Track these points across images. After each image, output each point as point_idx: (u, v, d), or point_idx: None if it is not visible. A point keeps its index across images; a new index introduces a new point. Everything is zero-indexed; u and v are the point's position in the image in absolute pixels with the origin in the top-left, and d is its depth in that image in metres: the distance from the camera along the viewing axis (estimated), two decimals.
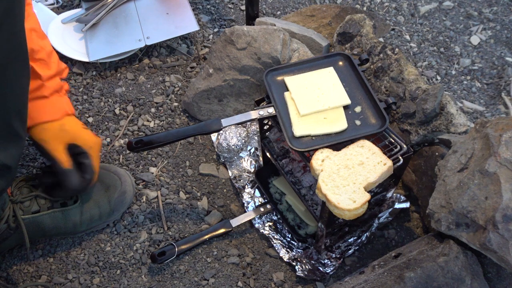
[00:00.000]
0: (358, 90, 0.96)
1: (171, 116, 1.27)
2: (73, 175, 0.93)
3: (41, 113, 0.92)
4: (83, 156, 0.95)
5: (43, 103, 0.92)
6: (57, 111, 0.94)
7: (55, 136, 0.92)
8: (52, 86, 0.94)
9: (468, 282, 0.79)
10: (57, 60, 0.98)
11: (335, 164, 0.85)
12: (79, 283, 0.97)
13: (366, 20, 1.19)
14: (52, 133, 0.92)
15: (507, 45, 1.51)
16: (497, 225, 0.73)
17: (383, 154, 0.86)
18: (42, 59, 0.92)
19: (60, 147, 0.92)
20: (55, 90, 0.95)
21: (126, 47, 1.35)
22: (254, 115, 0.94)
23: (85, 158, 0.95)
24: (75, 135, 0.95)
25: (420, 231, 1.06)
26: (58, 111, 0.94)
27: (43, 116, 0.92)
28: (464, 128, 0.97)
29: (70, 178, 0.92)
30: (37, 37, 0.92)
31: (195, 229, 1.07)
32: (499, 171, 0.75)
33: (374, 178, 0.82)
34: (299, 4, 1.65)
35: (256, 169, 1.16)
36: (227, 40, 1.16)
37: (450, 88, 1.41)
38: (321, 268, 0.99)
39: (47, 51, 0.94)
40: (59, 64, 0.98)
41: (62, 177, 0.92)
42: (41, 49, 0.92)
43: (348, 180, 0.82)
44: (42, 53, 0.92)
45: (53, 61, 0.95)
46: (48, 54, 0.94)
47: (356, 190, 0.81)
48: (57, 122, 0.93)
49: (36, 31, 0.92)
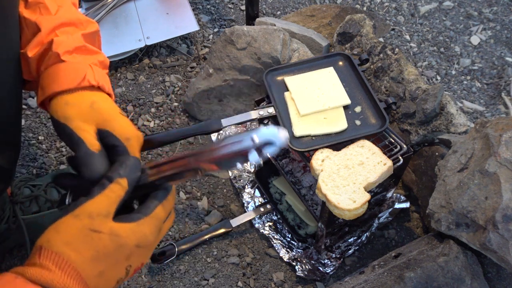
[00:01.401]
0: (358, 90, 0.97)
1: (171, 116, 1.27)
2: (99, 160, 0.61)
3: (52, 81, 0.65)
4: (117, 150, 0.63)
5: (57, 68, 0.66)
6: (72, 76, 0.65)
7: (83, 113, 0.63)
8: (65, 42, 0.67)
9: (468, 282, 0.79)
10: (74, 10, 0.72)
11: (335, 164, 0.85)
12: None
13: (366, 20, 1.19)
14: (79, 109, 0.63)
15: (507, 45, 1.51)
16: (497, 225, 0.73)
17: (383, 154, 0.86)
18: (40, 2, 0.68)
19: (88, 127, 0.63)
20: (72, 48, 0.67)
21: (126, 47, 1.35)
22: (254, 115, 0.94)
23: (119, 155, 0.63)
24: (110, 118, 0.64)
25: (420, 231, 1.06)
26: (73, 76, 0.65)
27: (53, 84, 0.64)
28: (464, 128, 0.97)
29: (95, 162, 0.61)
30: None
31: (195, 229, 1.07)
32: (499, 171, 0.76)
33: (374, 178, 0.82)
34: (299, 4, 1.65)
35: (256, 169, 1.16)
36: (227, 40, 1.16)
37: (450, 88, 1.41)
38: (321, 268, 0.99)
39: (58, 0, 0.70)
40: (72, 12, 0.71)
41: (84, 161, 0.61)
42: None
43: (348, 180, 0.82)
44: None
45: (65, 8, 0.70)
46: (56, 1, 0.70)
47: (356, 190, 0.81)
48: (88, 98, 0.65)
49: None
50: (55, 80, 0.65)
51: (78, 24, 0.71)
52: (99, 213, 0.52)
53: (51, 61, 0.66)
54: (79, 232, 0.51)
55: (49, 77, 0.65)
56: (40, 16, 0.68)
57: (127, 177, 0.56)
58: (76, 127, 0.62)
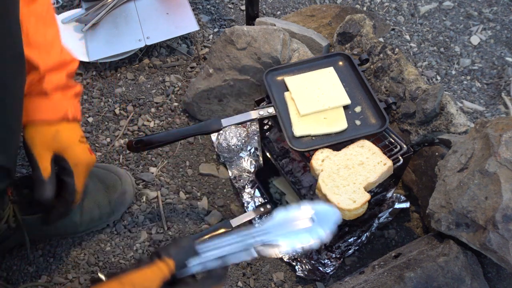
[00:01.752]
0: (358, 90, 0.97)
1: (171, 116, 1.27)
2: (48, 186, 0.82)
3: (35, 110, 0.82)
4: (65, 172, 0.85)
5: (42, 100, 0.82)
6: (55, 111, 0.83)
7: (46, 142, 0.82)
8: (53, 81, 0.83)
9: (468, 282, 0.79)
10: (61, 49, 0.86)
11: (335, 164, 0.85)
12: (79, 283, 0.97)
13: (366, 20, 1.19)
14: (44, 138, 0.82)
15: (507, 45, 1.51)
16: (497, 225, 0.73)
17: (383, 154, 0.86)
18: (39, 45, 0.81)
19: (46, 154, 0.82)
20: (57, 86, 0.84)
21: (126, 47, 1.34)
22: (254, 115, 0.94)
23: (67, 176, 0.85)
24: (66, 147, 0.84)
25: (420, 231, 1.06)
26: (56, 111, 0.84)
27: (37, 113, 0.82)
28: (464, 128, 0.97)
29: (43, 188, 0.81)
30: (38, 22, 0.82)
31: (195, 229, 1.07)
32: (499, 171, 0.76)
33: (374, 178, 0.82)
34: (299, 4, 1.65)
35: (256, 169, 1.16)
36: (227, 40, 1.16)
37: (450, 88, 1.41)
38: (321, 268, 0.99)
39: (48, 39, 0.84)
40: (62, 54, 0.86)
41: (37, 185, 0.82)
42: (39, 34, 0.82)
43: (348, 180, 0.82)
44: (39, 38, 0.82)
45: (55, 50, 0.85)
46: (49, 41, 0.84)
47: (356, 190, 0.81)
48: (53, 128, 0.83)
49: (38, 16, 0.82)
50: (40, 110, 0.82)
51: (65, 65, 0.87)
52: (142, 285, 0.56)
53: (36, 91, 0.82)
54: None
55: (34, 105, 0.81)
56: (39, 57, 0.81)
57: (175, 259, 0.58)
58: (37, 153, 0.82)
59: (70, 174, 0.85)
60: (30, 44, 0.79)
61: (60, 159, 0.84)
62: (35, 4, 0.82)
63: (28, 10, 0.81)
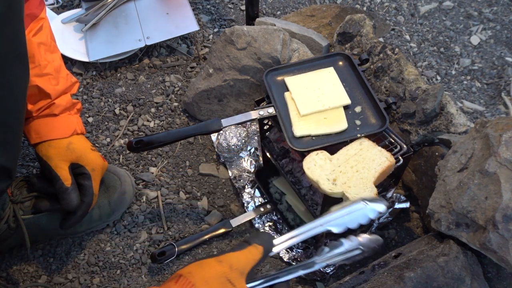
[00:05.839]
0: (358, 90, 0.96)
1: (171, 116, 1.27)
2: (73, 194, 0.89)
3: (49, 131, 0.91)
4: (84, 177, 0.92)
5: (52, 121, 0.92)
6: (65, 129, 0.92)
7: (60, 154, 0.90)
8: (62, 104, 0.93)
9: (468, 282, 0.79)
10: (66, 74, 0.96)
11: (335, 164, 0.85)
12: (79, 283, 0.97)
13: (366, 20, 1.19)
14: (58, 150, 0.90)
15: (507, 45, 1.51)
16: (497, 225, 0.73)
17: (384, 150, 0.86)
18: (49, 74, 0.90)
19: (64, 165, 0.90)
20: (65, 108, 0.93)
21: (126, 47, 1.35)
22: (254, 115, 0.94)
23: (86, 180, 0.92)
24: (81, 155, 0.92)
25: (420, 231, 1.06)
26: (66, 129, 0.92)
27: (51, 133, 0.91)
28: (464, 128, 0.97)
29: (69, 197, 0.89)
30: (46, 51, 0.90)
31: (195, 229, 1.07)
32: (499, 171, 0.75)
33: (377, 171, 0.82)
34: (299, 4, 1.65)
35: (256, 169, 1.16)
36: (227, 40, 1.16)
37: (450, 88, 1.41)
38: (321, 268, 0.99)
39: (56, 66, 0.92)
40: (68, 78, 0.96)
41: (61, 195, 0.89)
42: (48, 63, 0.90)
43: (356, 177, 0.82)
44: (49, 67, 0.90)
45: (61, 76, 0.94)
46: (56, 68, 0.92)
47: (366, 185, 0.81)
48: (65, 140, 0.91)
49: (45, 45, 0.90)
50: (53, 130, 0.91)
51: (70, 87, 0.97)
52: (238, 267, 0.60)
53: (46, 113, 0.91)
54: (218, 276, 0.57)
55: (46, 126, 0.91)
56: (50, 86, 0.90)
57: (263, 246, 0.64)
58: (55, 165, 0.89)
59: (89, 178, 0.91)
60: (42, 74, 0.89)
61: (77, 166, 0.91)
62: (41, 33, 0.89)
63: (36, 39, 0.88)
